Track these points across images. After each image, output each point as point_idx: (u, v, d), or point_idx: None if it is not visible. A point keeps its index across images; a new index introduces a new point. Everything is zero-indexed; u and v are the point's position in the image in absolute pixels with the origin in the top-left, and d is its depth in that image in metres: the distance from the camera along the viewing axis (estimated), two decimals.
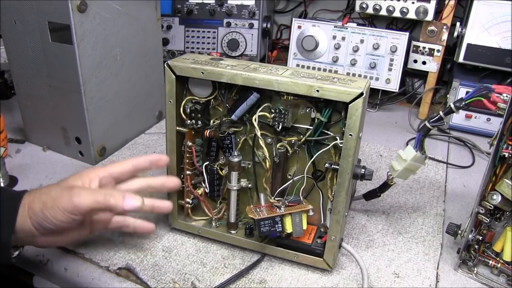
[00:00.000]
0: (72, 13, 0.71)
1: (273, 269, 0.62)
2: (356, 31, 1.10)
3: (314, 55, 1.14)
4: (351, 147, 0.53)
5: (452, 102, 0.60)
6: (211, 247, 0.65)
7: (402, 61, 1.08)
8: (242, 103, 0.59)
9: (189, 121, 0.61)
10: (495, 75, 1.03)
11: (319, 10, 1.30)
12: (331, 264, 0.60)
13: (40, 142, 0.89)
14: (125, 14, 0.83)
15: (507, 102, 0.54)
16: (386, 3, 1.07)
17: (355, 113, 0.52)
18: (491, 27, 0.97)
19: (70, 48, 0.74)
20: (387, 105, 1.17)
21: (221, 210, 0.67)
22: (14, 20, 0.78)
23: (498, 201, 0.56)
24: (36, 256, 0.63)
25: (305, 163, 0.60)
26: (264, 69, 0.57)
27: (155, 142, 0.94)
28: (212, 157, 0.65)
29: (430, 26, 1.06)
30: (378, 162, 0.90)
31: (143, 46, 0.90)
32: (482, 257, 0.61)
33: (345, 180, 0.55)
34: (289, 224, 0.59)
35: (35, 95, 0.84)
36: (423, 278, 0.61)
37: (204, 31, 1.22)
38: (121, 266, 0.60)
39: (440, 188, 0.82)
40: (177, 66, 0.58)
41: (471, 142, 0.99)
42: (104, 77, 0.81)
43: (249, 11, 1.19)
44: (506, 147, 0.54)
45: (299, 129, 0.59)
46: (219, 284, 0.58)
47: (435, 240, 0.68)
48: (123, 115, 0.89)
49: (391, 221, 0.73)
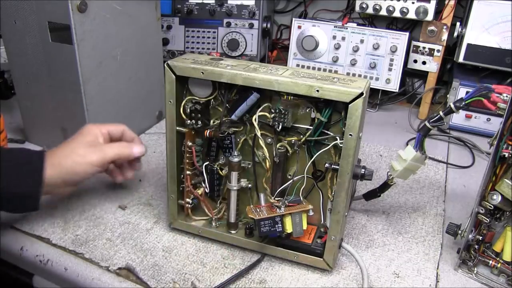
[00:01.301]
0: (72, 13, 0.71)
1: (273, 269, 0.62)
2: (356, 31, 1.10)
3: (314, 55, 1.14)
4: (351, 147, 0.53)
5: (452, 102, 0.60)
6: (211, 247, 0.65)
7: (402, 61, 1.08)
8: (242, 103, 0.59)
9: (189, 121, 0.61)
10: (495, 75, 1.03)
11: (319, 10, 1.30)
12: (331, 264, 0.60)
13: (40, 142, 0.89)
14: (125, 14, 0.83)
15: (507, 102, 0.54)
16: (386, 3, 1.07)
17: (355, 113, 0.52)
18: (491, 27, 0.97)
19: (70, 48, 0.74)
20: (387, 105, 1.17)
21: (221, 210, 0.67)
22: (14, 20, 0.78)
23: (498, 201, 0.56)
24: (36, 256, 0.63)
25: (305, 163, 0.60)
26: (264, 69, 0.57)
27: (155, 142, 0.94)
28: (212, 157, 0.65)
29: (430, 26, 1.06)
30: (378, 162, 0.90)
31: (143, 46, 0.90)
32: (482, 257, 0.61)
33: (345, 180, 0.55)
34: (289, 224, 0.59)
35: (35, 95, 0.84)
36: (423, 278, 0.61)
37: (204, 31, 1.22)
38: (121, 266, 0.60)
39: (440, 188, 0.82)
40: (177, 66, 0.58)
41: (471, 142, 0.99)
42: (104, 77, 0.81)
43: (249, 11, 1.19)
44: (506, 147, 0.54)
45: (299, 129, 0.59)
46: (219, 284, 0.58)
47: (435, 240, 0.68)
48: (123, 115, 0.89)
49: (391, 221, 0.73)
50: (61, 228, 0.66)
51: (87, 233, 0.66)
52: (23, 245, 0.64)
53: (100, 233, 0.66)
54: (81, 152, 0.62)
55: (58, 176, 0.60)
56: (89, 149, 0.63)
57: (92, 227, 0.67)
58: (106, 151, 0.64)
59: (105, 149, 0.64)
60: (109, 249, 0.63)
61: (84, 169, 0.62)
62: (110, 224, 0.68)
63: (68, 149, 0.62)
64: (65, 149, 0.62)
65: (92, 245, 0.64)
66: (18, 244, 0.65)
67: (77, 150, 0.62)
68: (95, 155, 0.63)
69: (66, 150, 0.62)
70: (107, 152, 0.64)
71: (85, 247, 0.63)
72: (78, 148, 0.62)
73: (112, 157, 0.65)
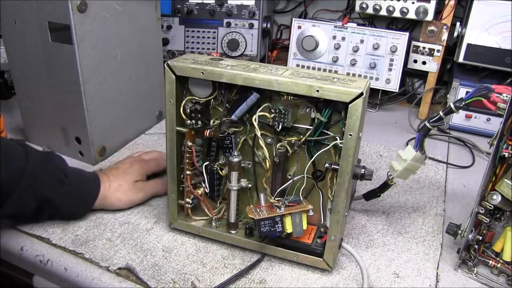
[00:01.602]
0: (72, 13, 0.71)
1: (273, 269, 0.62)
2: (356, 31, 1.10)
3: (314, 55, 1.14)
4: (351, 147, 0.53)
5: (452, 102, 0.60)
6: (211, 247, 0.65)
7: (402, 61, 1.08)
8: (242, 103, 0.59)
9: (189, 121, 0.61)
10: (495, 75, 1.03)
11: (319, 10, 1.30)
12: (331, 264, 0.60)
13: (40, 142, 0.89)
14: (125, 14, 0.83)
15: (507, 102, 0.54)
16: (386, 3, 1.07)
17: (355, 113, 0.52)
18: (491, 27, 0.97)
19: (70, 48, 0.74)
20: (387, 105, 1.17)
21: (221, 210, 0.67)
22: (14, 20, 0.78)
23: (498, 201, 0.56)
24: (36, 256, 0.63)
25: (305, 163, 0.60)
26: (264, 69, 0.57)
27: (155, 142, 0.94)
28: (212, 157, 0.65)
29: (430, 26, 1.06)
30: (378, 162, 0.90)
31: (143, 46, 0.90)
32: (482, 257, 0.61)
33: (345, 180, 0.55)
34: (289, 224, 0.59)
35: (35, 95, 0.84)
36: (423, 278, 0.61)
37: (204, 31, 1.22)
38: (121, 266, 0.60)
39: (440, 188, 0.82)
40: (177, 66, 0.58)
41: (471, 142, 0.99)
42: (104, 77, 0.81)
43: (249, 11, 1.19)
44: (506, 147, 0.54)
45: (299, 129, 0.59)
46: (219, 284, 0.58)
47: (435, 240, 0.68)
48: (123, 115, 0.89)
49: (391, 221, 0.73)
50: (61, 228, 0.66)
51: (87, 233, 0.66)
52: (23, 245, 0.64)
53: (100, 233, 0.66)
54: (125, 190, 0.70)
55: (101, 206, 0.69)
56: (133, 189, 0.70)
57: (92, 227, 0.67)
58: (147, 191, 0.72)
59: (146, 189, 0.72)
60: (109, 249, 0.63)
61: (124, 205, 0.70)
62: (110, 224, 0.68)
63: (116, 183, 0.69)
64: (114, 182, 0.69)
65: (92, 245, 0.64)
66: (18, 244, 0.65)
67: (123, 188, 0.69)
68: (137, 195, 0.71)
69: (114, 184, 0.69)
70: (148, 191, 0.73)
71: (85, 247, 0.63)
72: (124, 185, 0.70)
73: (150, 195, 0.73)
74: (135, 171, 0.72)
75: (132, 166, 0.73)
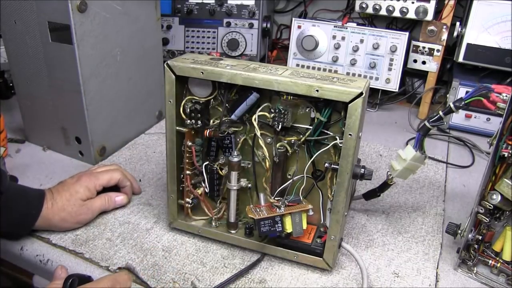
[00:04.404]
0: (72, 13, 0.71)
1: (273, 269, 0.62)
2: (356, 31, 1.10)
3: (314, 55, 1.14)
4: (350, 147, 0.53)
5: (451, 102, 0.60)
6: (211, 247, 0.65)
7: (402, 61, 1.08)
8: (242, 103, 0.59)
9: (189, 121, 0.61)
10: (494, 75, 1.03)
11: (319, 10, 1.30)
12: (331, 263, 0.60)
13: (40, 142, 0.89)
14: (125, 14, 0.83)
15: (506, 102, 0.54)
16: (386, 3, 1.07)
17: (355, 113, 0.52)
18: (491, 27, 0.97)
19: (70, 48, 0.74)
20: (387, 105, 1.17)
21: (221, 210, 0.67)
22: (14, 20, 0.78)
23: (498, 201, 0.56)
24: (36, 256, 0.63)
25: (305, 163, 0.60)
26: (264, 69, 0.57)
27: (155, 142, 0.94)
28: (212, 157, 0.65)
29: (430, 26, 1.06)
30: (378, 162, 0.90)
31: (143, 46, 0.90)
32: (482, 256, 0.61)
33: (345, 180, 0.55)
34: (289, 224, 0.59)
35: (35, 95, 0.84)
36: (423, 277, 0.61)
37: (204, 31, 1.22)
38: (121, 266, 0.60)
39: (440, 188, 0.82)
40: (177, 66, 0.58)
41: (471, 142, 0.99)
42: (104, 77, 0.81)
43: (249, 11, 1.19)
44: (506, 147, 0.54)
45: (299, 129, 0.59)
46: (219, 283, 0.58)
47: (434, 240, 0.68)
48: (123, 115, 0.89)
49: (391, 221, 0.73)
50: None
51: (87, 233, 0.66)
52: (23, 245, 0.64)
53: (100, 233, 0.66)
54: (70, 210, 0.65)
55: (46, 226, 0.65)
56: (80, 209, 0.66)
57: (92, 227, 0.67)
58: (94, 210, 0.68)
59: (94, 208, 0.68)
60: (109, 249, 0.63)
61: (70, 226, 0.66)
62: (110, 224, 0.68)
63: (60, 202, 0.65)
64: (58, 201, 0.65)
65: (92, 245, 0.64)
66: (18, 244, 0.65)
67: (67, 207, 0.65)
68: (83, 216, 0.67)
69: (59, 203, 0.64)
70: (95, 210, 0.68)
71: (85, 247, 0.63)
72: (68, 206, 0.65)
73: (98, 212, 0.69)
74: (81, 187, 0.67)
75: (79, 181, 0.68)
